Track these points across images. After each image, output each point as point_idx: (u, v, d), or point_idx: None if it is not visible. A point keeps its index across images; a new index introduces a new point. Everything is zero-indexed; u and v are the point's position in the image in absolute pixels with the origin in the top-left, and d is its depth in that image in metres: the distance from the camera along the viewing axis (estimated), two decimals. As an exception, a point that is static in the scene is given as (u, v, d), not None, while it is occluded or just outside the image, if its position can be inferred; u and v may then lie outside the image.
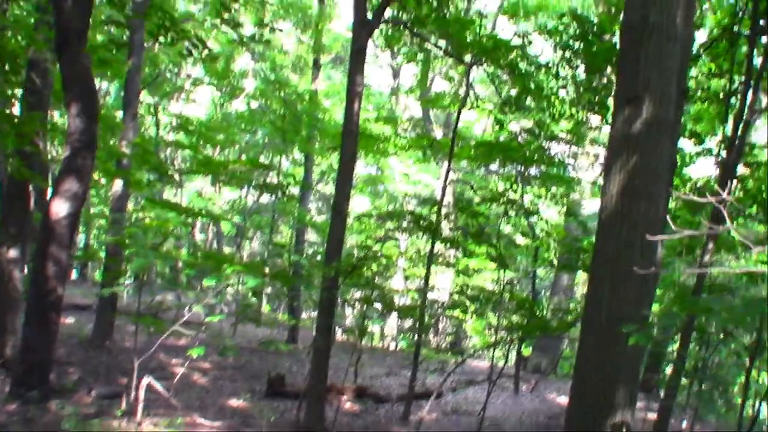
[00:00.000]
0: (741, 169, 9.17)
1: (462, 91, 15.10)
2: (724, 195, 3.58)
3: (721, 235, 8.13)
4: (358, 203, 30.21)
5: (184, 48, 8.62)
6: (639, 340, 4.09)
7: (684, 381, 8.86)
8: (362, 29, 9.48)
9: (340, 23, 24.85)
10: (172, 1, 17.57)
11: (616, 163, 5.28)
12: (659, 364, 13.30)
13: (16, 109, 11.17)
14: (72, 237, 8.91)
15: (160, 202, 9.38)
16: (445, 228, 12.50)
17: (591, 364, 5.33)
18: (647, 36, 5.21)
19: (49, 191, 9.74)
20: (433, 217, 11.13)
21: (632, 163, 5.14)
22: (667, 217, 4.19)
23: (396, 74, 27.03)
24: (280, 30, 10.37)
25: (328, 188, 30.80)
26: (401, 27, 12.42)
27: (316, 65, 20.58)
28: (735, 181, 8.35)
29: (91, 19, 9.04)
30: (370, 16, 9.71)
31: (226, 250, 28.94)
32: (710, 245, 7.54)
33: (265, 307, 26.85)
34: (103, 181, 17.98)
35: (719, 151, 9.42)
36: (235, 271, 6.15)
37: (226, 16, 8.28)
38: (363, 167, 30.56)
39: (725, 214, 3.51)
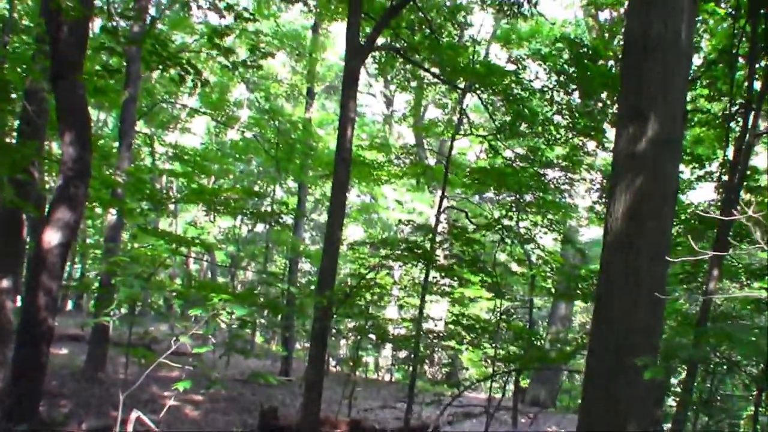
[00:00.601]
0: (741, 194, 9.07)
1: (456, 118, 15.11)
2: (750, 212, 3.41)
3: (725, 261, 8.01)
4: (352, 232, 30.16)
5: (177, 75, 8.60)
6: (655, 374, 3.86)
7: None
8: (355, 56, 9.47)
9: (334, 53, 25.02)
10: (169, 33, 17.68)
11: (620, 184, 5.03)
12: (662, 397, 13.07)
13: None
14: (63, 267, 8.79)
15: (152, 231, 9.27)
16: (440, 256, 12.38)
17: (599, 398, 5.01)
18: (651, 50, 5.01)
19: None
20: (428, 245, 11.03)
21: (638, 183, 4.90)
22: (691, 240, 3.98)
23: (389, 103, 27.13)
24: (272, 55, 10.35)
25: (322, 217, 30.73)
26: (394, 54, 12.45)
27: (310, 94, 20.66)
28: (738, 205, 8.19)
29: (87, 48, 9.02)
30: (363, 42, 9.74)
31: (221, 280, 28.77)
32: (715, 272, 7.36)
33: (258, 338, 26.60)
34: (99, 210, 17.92)
35: (720, 175, 9.32)
36: (224, 300, 5.99)
37: (219, 42, 8.26)
38: (356, 196, 30.56)
39: (758, 235, 3.35)
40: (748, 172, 8.78)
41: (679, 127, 5.21)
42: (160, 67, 8.26)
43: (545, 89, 11.40)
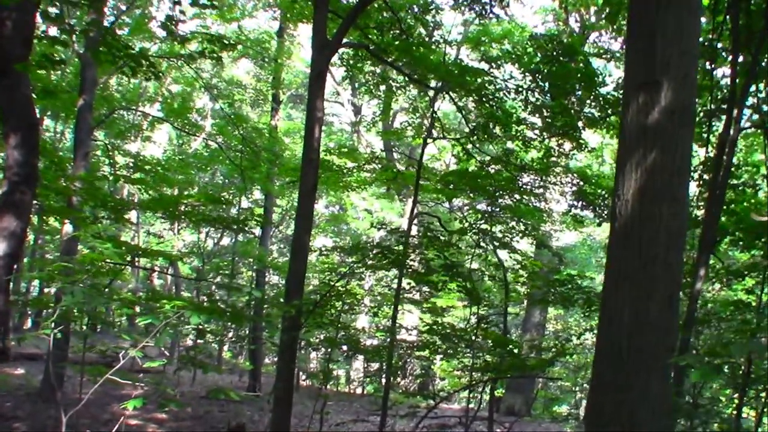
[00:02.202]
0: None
1: (427, 122, 14.75)
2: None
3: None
4: (321, 243, 29.75)
5: (129, 69, 8.12)
6: (705, 376, 3.33)
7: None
8: (322, 52, 9.06)
9: (300, 60, 24.65)
10: (128, 38, 17.15)
11: (630, 160, 4.48)
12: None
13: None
14: (10, 279, 8.23)
15: (106, 238, 8.73)
16: (415, 262, 11.98)
17: (608, 407, 4.37)
18: (664, 8, 4.49)
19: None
20: (400, 249, 10.62)
21: (651, 159, 4.36)
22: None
23: (357, 111, 26.85)
24: (234, 47, 9.90)
25: (290, 230, 30.26)
26: (364, 51, 12.00)
27: (276, 100, 20.16)
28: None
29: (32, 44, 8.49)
30: (330, 39, 9.34)
31: (186, 294, 28.13)
32: (702, 271, 7.04)
33: (226, 353, 26.00)
34: (57, 224, 17.29)
35: (701, 173, 9.08)
36: (177, 307, 5.49)
37: (172, 28, 7.78)
38: (324, 207, 30.17)
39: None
40: (732, 169, 8.54)
41: (695, 93, 4.72)
42: (111, 59, 7.73)
43: (520, 88, 11.11)
